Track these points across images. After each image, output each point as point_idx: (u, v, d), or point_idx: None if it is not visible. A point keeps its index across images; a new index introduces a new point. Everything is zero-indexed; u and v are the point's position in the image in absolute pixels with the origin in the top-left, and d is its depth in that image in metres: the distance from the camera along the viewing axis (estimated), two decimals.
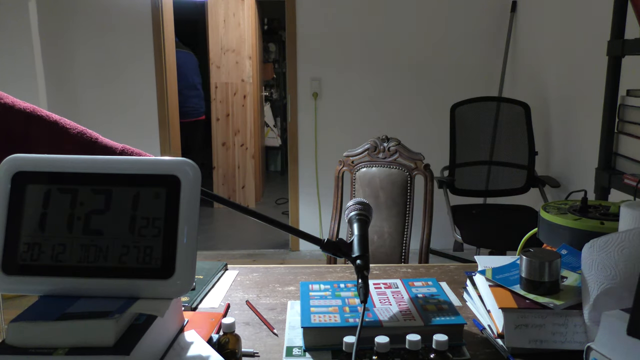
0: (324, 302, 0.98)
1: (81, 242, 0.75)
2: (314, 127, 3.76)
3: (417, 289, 1.05)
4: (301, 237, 0.98)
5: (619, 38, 1.68)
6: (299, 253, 3.90)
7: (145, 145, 3.73)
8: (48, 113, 0.93)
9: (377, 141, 1.96)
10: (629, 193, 1.53)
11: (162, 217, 0.75)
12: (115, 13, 3.64)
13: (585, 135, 2.61)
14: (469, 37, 3.61)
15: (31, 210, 0.76)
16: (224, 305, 1.09)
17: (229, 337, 0.84)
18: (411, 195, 1.89)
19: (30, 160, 0.78)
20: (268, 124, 6.21)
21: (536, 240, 1.19)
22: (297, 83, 3.70)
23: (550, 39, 3.05)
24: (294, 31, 3.65)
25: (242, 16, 4.88)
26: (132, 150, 0.96)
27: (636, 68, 1.87)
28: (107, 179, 0.77)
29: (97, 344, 0.67)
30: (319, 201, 3.84)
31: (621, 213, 0.95)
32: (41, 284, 0.75)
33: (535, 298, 0.90)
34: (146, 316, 0.73)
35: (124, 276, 0.74)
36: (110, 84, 3.73)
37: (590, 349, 0.77)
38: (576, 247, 1.01)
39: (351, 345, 0.77)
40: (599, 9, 2.41)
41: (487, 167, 2.98)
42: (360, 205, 1.03)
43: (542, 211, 1.16)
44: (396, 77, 3.67)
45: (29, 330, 0.68)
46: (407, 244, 1.88)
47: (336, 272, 1.29)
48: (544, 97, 3.13)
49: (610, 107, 1.72)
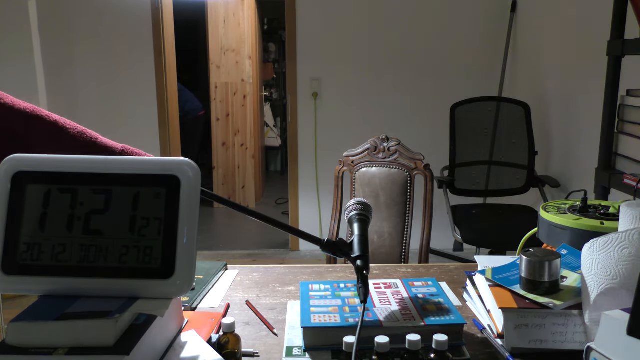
0: (324, 302, 0.98)
1: (81, 242, 0.75)
2: (314, 127, 3.75)
3: (417, 289, 1.05)
4: (301, 237, 0.98)
5: (619, 38, 1.68)
6: (299, 253, 3.89)
7: (145, 146, 3.72)
8: (48, 113, 0.93)
9: (377, 141, 1.96)
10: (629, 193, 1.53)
11: (162, 217, 0.75)
12: (115, 13, 3.64)
13: (585, 135, 2.61)
14: (469, 37, 3.61)
15: (31, 210, 0.76)
16: (224, 305, 1.09)
17: (229, 337, 0.84)
18: (411, 195, 1.89)
19: (30, 160, 0.78)
20: (268, 124, 6.21)
21: (536, 240, 1.19)
22: (297, 83, 3.70)
23: (550, 39, 3.05)
24: (294, 31, 3.65)
25: (242, 16, 4.88)
26: (132, 150, 0.96)
27: (636, 68, 1.87)
28: (107, 179, 0.77)
29: (97, 344, 0.67)
30: (319, 201, 3.84)
31: (621, 213, 0.95)
32: (41, 284, 0.75)
33: (535, 298, 0.90)
34: (146, 316, 0.73)
35: (124, 276, 0.74)
36: (110, 84, 3.73)
37: (590, 349, 0.77)
38: (576, 247, 1.01)
39: (351, 345, 0.77)
40: (599, 9, 2.41)
41: (487, 167, 2.98)
42: (360, 205, 1.03)
43: (542, 211, 1.16)
44: (396, 77, 3.67)
45: (29, 330, 0.68)
46: (407, 244, 1.88)
47: (336, 272, 1.29)
48: (544, 97, 3.13)
49: (610, 107, 1.72)
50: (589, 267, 0.85)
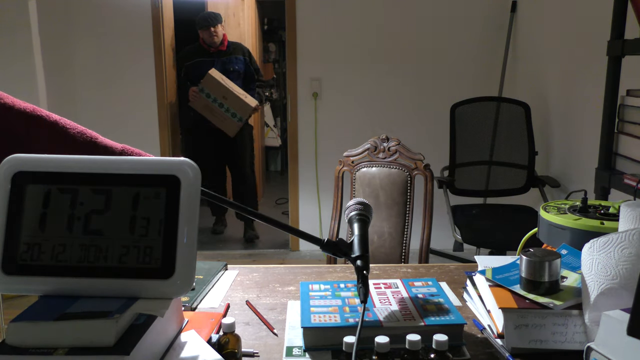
0: (324, 302, 0.98)
1: (81, 242, 0.75)
2: (314, 127, 3.75)
3: (417, 289, 1.05)
4: (301, 237, 0.98)
5: (619, 38, 1.68)
6: (299, 253, 3.89)
7: (145, 146, 3.72)
8: (48, 113, 0.93)
9: (377, 141, 1.96)
10: (629, 193, 1.53)
11: (162, 217, 0.75)
12: (115, 13, 3.64)
13: (585, 135, 2.61)
14: (469, 37, 3.61)
15: (31, 210, 0.76)
16: (224, 305, 1.09)
17: (229, 337, 0.84)
18: (411, 195, 1.89)
19: (30, 160, 0.78)
20: (268, 124, 6.21)
21: (536, 240, 1.19)
22: (297, 83, 3.70)
23: (550, 39, 3.04)
24: (294, 31, 3.65)
25: (242, 16, 4.87)
26: (132, 150, 0.96)
27: (636, 68, 1.87)
28: (107, 179, 0.77)
29: (97, 344, 0.67)
30: (319, 201, 3.84)
31: (621, 213, 0.95)
32: (41, 284, 0.75)
33: (535, 298, 0.90)
34: (146, 316, 0.73)
35: (124, 276, 0.74)
36: (110, 84, 3.73)
37: (590, 349, 0.77)
38: (576, 247, 1.01)
39: (351, 345, 0.77)
40: (599, 9, 2.41)
41: (487, 167, 2.98)
42: (360, 205, 1.03)
43: (542, 211, 1.16)
44: (396, 77, 3.67)
45: (29, 330, 0.68)
46: (407, 244, 1.88)
47: (336, 272, 1.29)
48: (544, 97, 3.13)
49: (610, 107, 1.72)
50: (589, 267, 0.85)
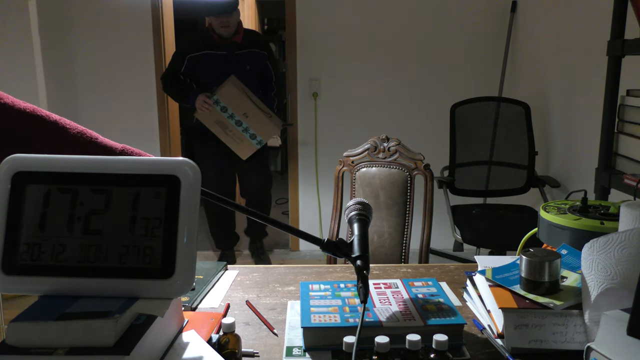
0: (324, 302, 0.98)
1: (81, 242, 0.75)
2: (314, 127, 3.75)
3: (417, 289, 1.05)
4: (301, 237, 0.98)
5: (619, 38, 1.68)
6: (299, 253, 3.89)
7: (145, 146, 3.73)
8: (48, 113, 0.93)
9: (377, 141, 1.96)
10: (629, 193, 1.53)
11: (162, 217, 0.75)
12: (115, 13, 3.63)
13: (585, 135, 2.61)
14: (469, 37, 3.61)
15: (31, 210, 0.76)
16: (224, 305, 1.09)
17: (229, 337, 0.84)
18: (411, 195, 1.89)
19: (30, 160, 0.78)
20: None
21: (536, 240, 1.19)
22: (297, 83, 3.70)
23: (550, 39, 3.04)
24: (294, 31, 3.65)
25: (242, 16, 4.86)
26: (132, 150, 0.96)
27: (636, 68, 1.87)
28: (107, 179, 0.77)
29: (97, 344, 0.67)
30: (319, 201, 3.84)
31: (621, 213, 0.95)
32: (41, 284, 0.75)
33: (535, 298, 0.90)
34: (146, 316, 0.73)
35: (124, 276, 0.74)
36: (110, 84, 3.73)
37: (590, 349, 0.77)
38: (576, 247, 1.01)
39: (351, 345, 0.77)
40: (599, 9, 2.41)
41: (487, 167, 2.97)
42: (360, 205, 1.03)
43: (542, 211, 1.16)
44: (396, 77, 3.67)
45: (29, 330, 0.68)
46: (407, 244, 1.88)
47: (336, 272, 1.29)
48: (544, 97, 3.13)
49: (610, 107, 1.72)
50: (589, 267, 0.85)
